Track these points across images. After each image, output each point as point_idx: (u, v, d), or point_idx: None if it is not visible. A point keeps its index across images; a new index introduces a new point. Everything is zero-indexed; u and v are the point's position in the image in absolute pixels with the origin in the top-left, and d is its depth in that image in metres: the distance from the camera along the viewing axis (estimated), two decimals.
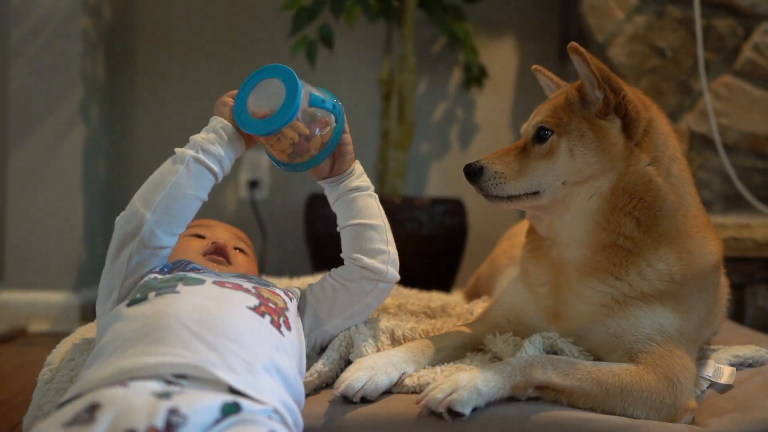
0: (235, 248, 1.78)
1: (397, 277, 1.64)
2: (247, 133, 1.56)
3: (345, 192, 1.65)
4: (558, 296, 1.61)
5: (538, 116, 1.63)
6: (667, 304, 1.53)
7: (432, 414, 1.38)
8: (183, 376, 1.18)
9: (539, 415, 1.40)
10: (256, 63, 3.55)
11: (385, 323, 1.67)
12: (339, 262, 1.65)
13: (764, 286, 2.86)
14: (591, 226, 1.56)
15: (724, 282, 1.77)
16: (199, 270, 1.54)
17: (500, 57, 3.63)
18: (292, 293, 1.58)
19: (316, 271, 2.91)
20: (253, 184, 3.62)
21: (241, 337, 1.28)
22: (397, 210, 3.06)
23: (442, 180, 3.66)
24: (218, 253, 1.73)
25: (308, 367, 1.55)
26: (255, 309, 1.38)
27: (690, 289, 1.55)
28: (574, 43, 1.54)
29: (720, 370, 1.63)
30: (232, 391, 1.19)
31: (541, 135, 1.60)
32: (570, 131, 1.57)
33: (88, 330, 1.74)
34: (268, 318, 1.38)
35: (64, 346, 1.67)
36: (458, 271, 3.26)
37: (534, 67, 1.83)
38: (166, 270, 1.51)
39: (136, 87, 3.65)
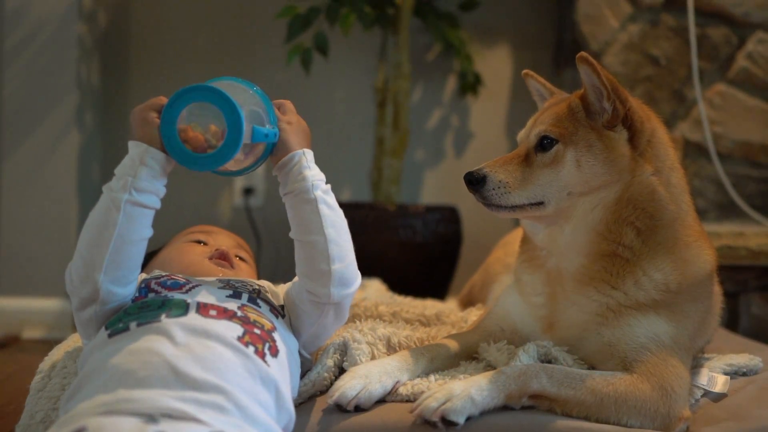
0: (236, 256, 1.76)
1: (348, 295, 1.50)
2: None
3: (286, 193, 1.51)
4: (553, 306, 1.61)
5: (540, 125, 1.60)
6: (662, 313, 1.53)
7: (426, 423, 1.37)
8: (168, 415, 1.17)
9: (533, 424, 1.40)
10: (251, 70, 3.58)
11: (381, 330, 1.67)
12: None
13: (758, 295, 2.87)
14: (592, 236, 1.56)
15: (717, 290, 1.77)
16: (182, 286, 1.47)
17: (495, 65, 3.63)
18: (279, 312, 1.53)
19: None
20: (248, 191, 3.61)
21: (225, 375, 1.25)
22: (391, 217, 3.06)
23: (436, 187, 3.66)
24: (222, 259, 1.70)
25: (303, 374, 1.55)
26: (239, 339, 1.32)
27: (684, 298, 1.55)
28: (584, 54, 1.51)
29: (714, 378, 1.64)
30: None
31: (544, 144, 1.57)
32: (577, 141, 1.55)
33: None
34: (251, 348, 1.32)
35: (57, 353, 1.66)
36: (453, 278, 3.26)
37: (524, 72, 1.79)
38: (144, 290, 1.46)
39: (131, 93, 3.64)
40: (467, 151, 3.67)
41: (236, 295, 1.46)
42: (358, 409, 1.44)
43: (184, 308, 1.37)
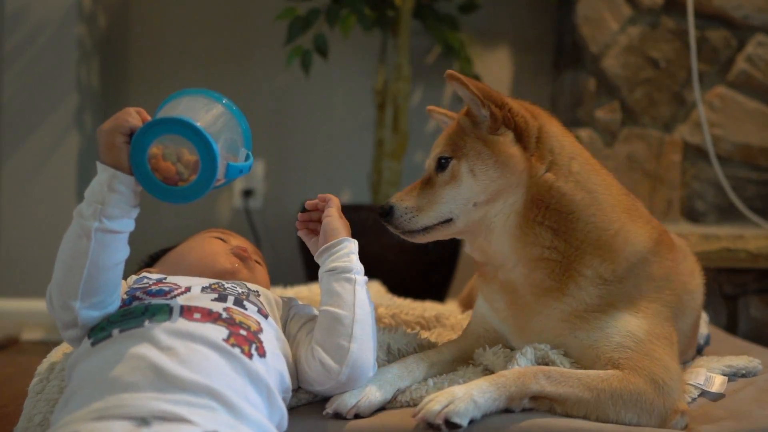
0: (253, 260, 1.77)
1: (356, 381, 1.46)
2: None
3: (329, 270, 1.53)
4: (516, 312, 1.62)
5: (436, 148, 1.66)
6: (622, 308, 1.53)
7: (429, 426, 1.37)
8: (160, 417, 1.18)
9: (534, 425, 1.41)
10: (250, 72, 3.58)
11: (380, 336, 1.67)
12: None
13: (757, 297, 2.87)
14: (513, 242, 1.58)
15: (690, 267, 1.76)
16: (167, 292, 1.46)
17: (495, 67, 3.64)
18: (269, 310, 1.52)
19: (309, 280, 2.91)
20: (248, 193, 3.61)
21: (212, 376, 1.25)
22: None
23: None
24: (242, 253, 1.72)
25: None
26: (225, 341, 1.32)
27: (633, 282, 1.55)
28: (450, 71, 1.60)
29: (711, 378, 1.64)
30: None
31: (442, 164, 1.62)
32: (467, 153, 1.60)
33: None
34: (237, 350, 1.32)
35: (55, 355, 1.65)
36: (452, 280, 3.26)
37: (428, 108, 1.86)
38: (129, 300, 1.45)
39: (131, 95, 3.65)
40: None
41: (221, 298, 1.46)
42: (358, 417, 1.44)
43: (167, 312, 1.36)
